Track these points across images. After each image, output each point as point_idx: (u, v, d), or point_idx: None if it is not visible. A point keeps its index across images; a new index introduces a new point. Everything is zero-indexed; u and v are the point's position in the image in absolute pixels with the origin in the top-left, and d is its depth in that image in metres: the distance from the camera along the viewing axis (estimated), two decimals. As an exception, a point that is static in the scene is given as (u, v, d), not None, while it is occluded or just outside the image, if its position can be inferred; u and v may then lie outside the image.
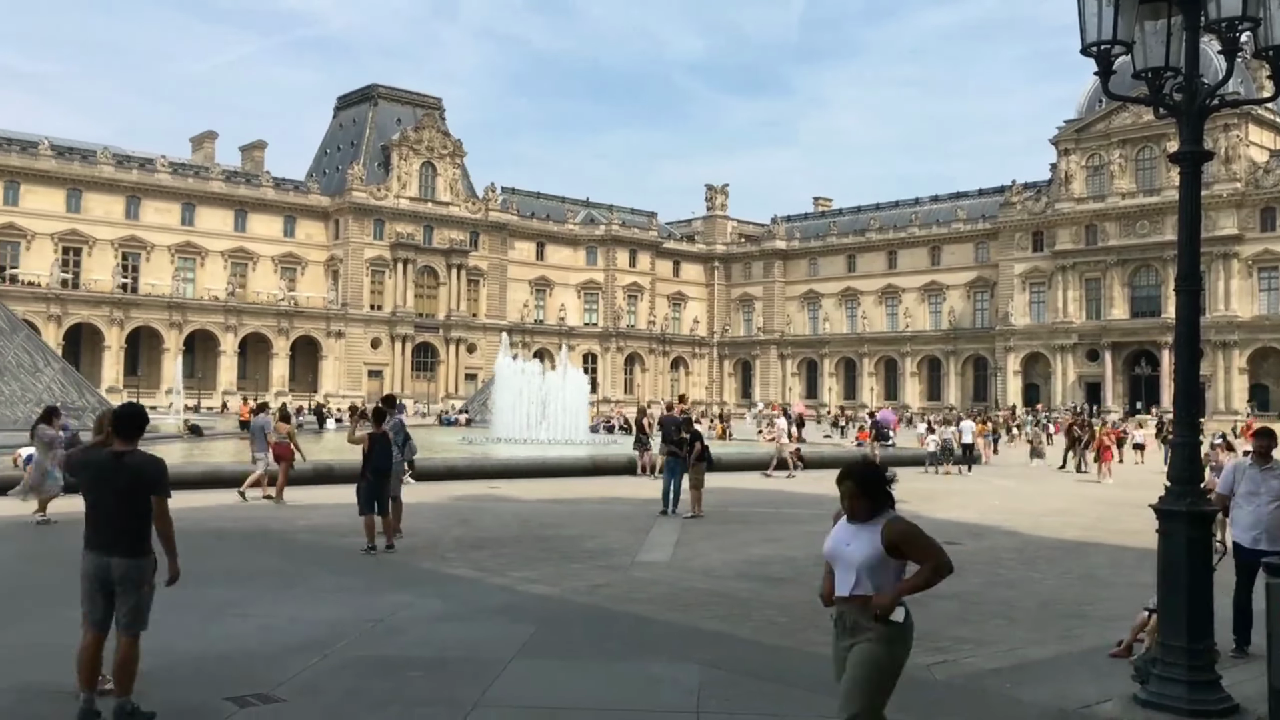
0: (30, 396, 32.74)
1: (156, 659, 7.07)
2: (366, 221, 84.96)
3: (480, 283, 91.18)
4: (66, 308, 72.25)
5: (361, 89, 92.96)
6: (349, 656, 7.29)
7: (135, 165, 79.04)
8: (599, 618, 8.82)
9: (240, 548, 12.31)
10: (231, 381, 78.06)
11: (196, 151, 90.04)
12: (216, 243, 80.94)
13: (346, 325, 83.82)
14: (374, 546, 11.94)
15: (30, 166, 73.40)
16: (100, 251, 75.62)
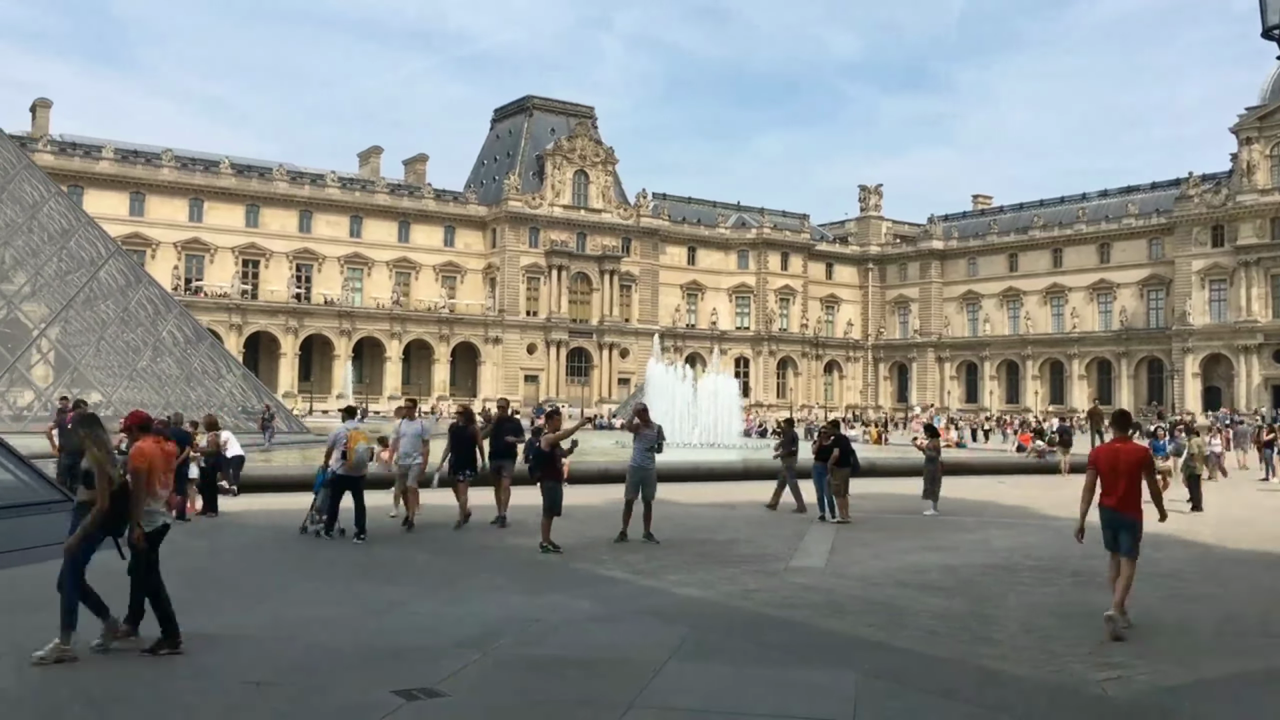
0: (214, 401, 34.83)
1: (326, 651, 7.40)
2: (522, 230, 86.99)
3: (632, 288, 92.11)
4: (246, 317, 76.52)
5: (517, 101, 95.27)
6: (508, 655, 7.45)
7: (307, 181, 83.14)
8: (753, 622, 8.76)
9: (401, 546, 12.75)
10: (397, 386, 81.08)
11: (363, 166, 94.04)
12: (382, 253, 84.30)
13: (503, 331, 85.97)
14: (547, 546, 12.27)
15: (212, 185, 78.10)
16: (276, 263, 79.81)
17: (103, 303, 34.41)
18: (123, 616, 7.49)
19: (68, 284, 33.66)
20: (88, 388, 34.33)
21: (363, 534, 13.04)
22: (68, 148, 74.43)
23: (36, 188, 33.89)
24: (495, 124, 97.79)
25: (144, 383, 33.86)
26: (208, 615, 8.52)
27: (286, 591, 9.69)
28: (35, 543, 10.81)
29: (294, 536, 13.48)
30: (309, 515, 13.94)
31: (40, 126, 76.69)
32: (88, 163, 73.60)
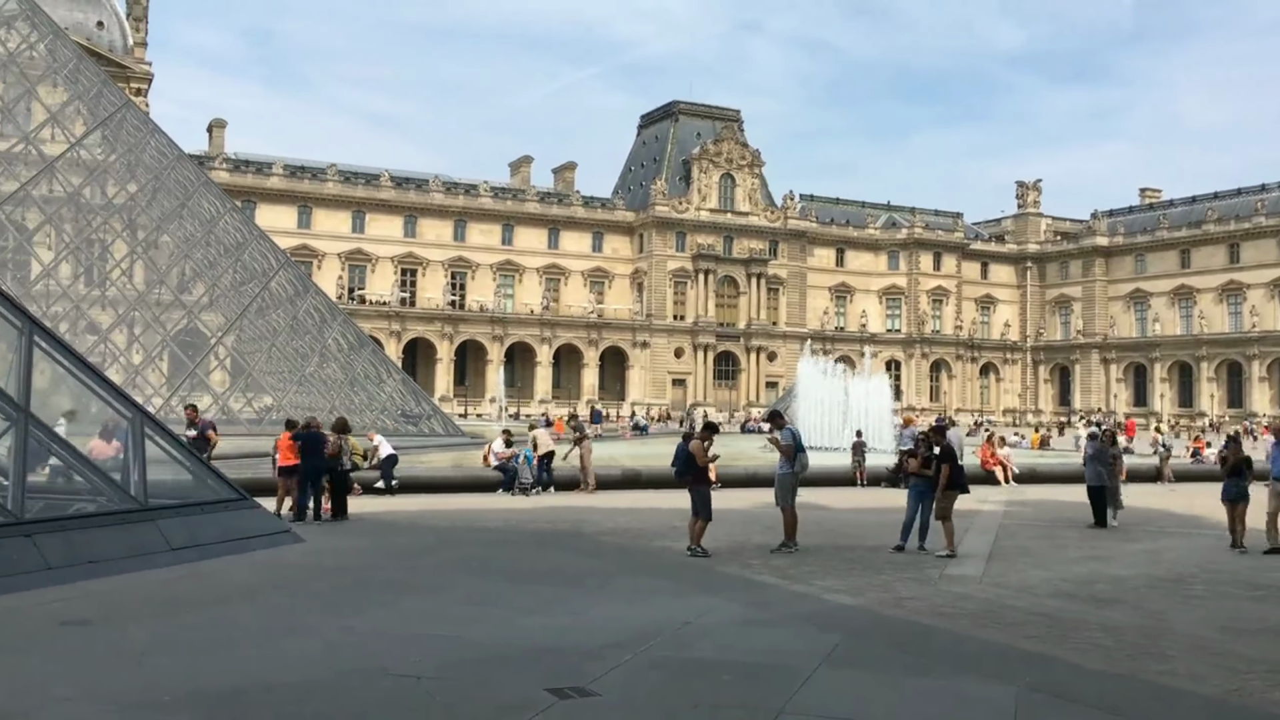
0: (375, 404, 36.26)
1: (482, 649, 7.60)
2: (668, 234, 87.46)
3: (780, 291, 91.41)
4: (405, 324, 79.37)
5: (663, 106, 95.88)
6: (658, 656, 7.50)
7: (461, 191, 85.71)
8: (906, 631, 8.57)
9: (556, 548, 12.99)
10: (547, 391, 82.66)
11: (514, 175, 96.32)
12: (532, 260, 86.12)
13: (651, 335, 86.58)
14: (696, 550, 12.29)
15: (373, 197, 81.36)
16: (432, 272, 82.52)
17: (273, 312, 36.24)
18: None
19: (242, 294, 35.59)
20: (260, 392, 36.23)
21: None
22: (241, 165, 78.77)
23: (213, 203, 35.97)
24: (642, 130, 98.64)
25: (311, 387, 35.48)
26: (370, 611, 8.87)
27: (443, 590, 9.99)
28: (218, 538, 11.47)
29: (450, 536, 13.89)
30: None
31: (216, 145, 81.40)
32: (259, 179, 77.75)
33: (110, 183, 36.19)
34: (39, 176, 32.78)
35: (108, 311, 36.90)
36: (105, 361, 32.40)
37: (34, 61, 34.49)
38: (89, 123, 34.34)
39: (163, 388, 34.67)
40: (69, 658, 7.11)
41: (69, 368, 11.53)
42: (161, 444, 11.81)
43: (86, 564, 9.81)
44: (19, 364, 10.48)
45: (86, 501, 10.98)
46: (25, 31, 34.18)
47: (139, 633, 7.88)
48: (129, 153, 35.08)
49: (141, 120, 36.35)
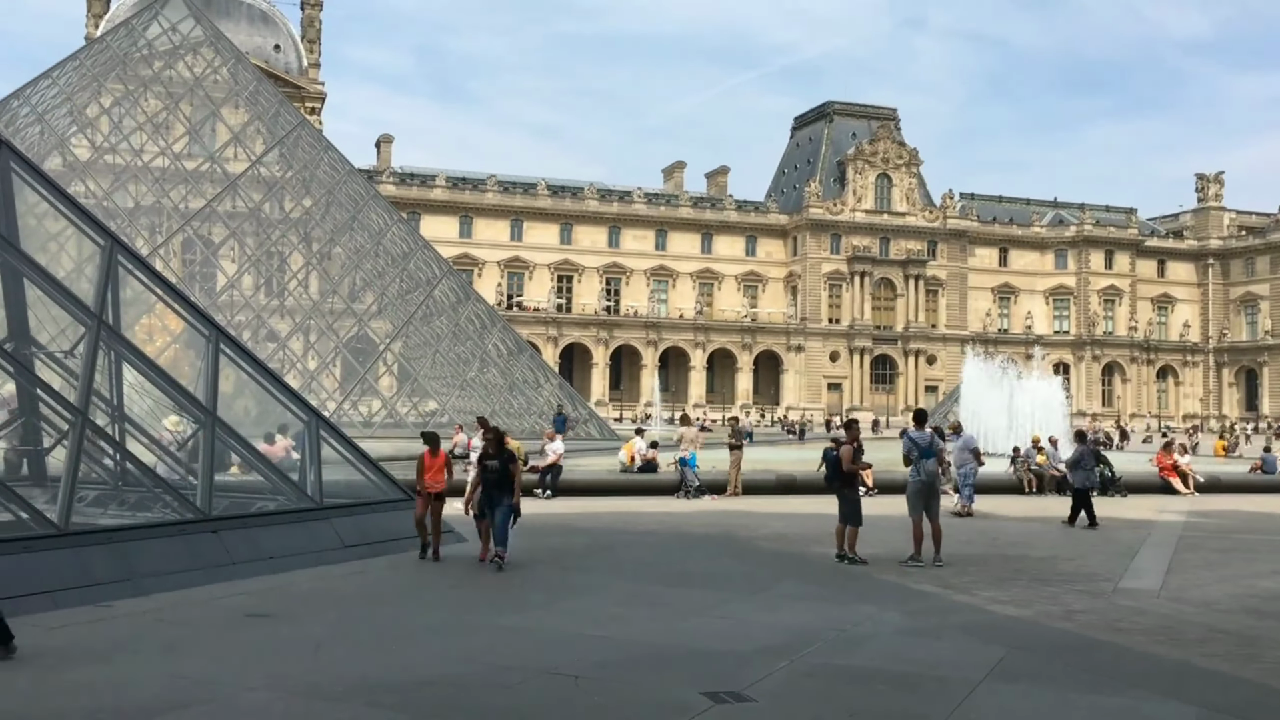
0: (534, 409, 37.08)
1: (638, 650, 7.67)
2: (823, 237, 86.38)
3: (939, 292, 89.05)
4: (561, 330, 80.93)
5: (817, 107, 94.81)
6: (815, 663, 7.40)
7: (616, 198, 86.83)
8: (1076, 645, 8.20)
9: (709, 552, 12.99)
10: (701, 395, 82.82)
11: (667, 181, 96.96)
12: (685, 265, 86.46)
13: (805, 339, 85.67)
14: (846, 556, 12.09)
15: (530, 206, 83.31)
16: (587, 278, 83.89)
17: (437, 319, 37.51)
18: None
19: (408, 302, 36.97)
20: (425, 397, 37.54)
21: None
22: (407, 178, 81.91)
23: (381, 215, 37.52)
24: (795, 132, 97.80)
25: (473, 392, 36.55)
26: (528, 611, 9.07)
27: (599, 592, 10.12)
28: (387, 536, 11.95)
29: (605, 539, 14.06)
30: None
31: (384, 160, 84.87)
32: (423, 191, 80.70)
33: (287, 198, 38.20)
34: (223, 194, 34.86)
35: (286, 320, 38.91)
36: (284, 367, 34.19)
37: (218, 85, 36.74)
38: (268, 141, 36.33)
39: (335, 392, 36.34)
40: (252, 648, 7.53)
41: (251, 374, 12.22)
42: (335, 446, 12.37)
43: (267, 559, 10.37)
44: (207, 370, 11.19)
45: (267, 500, 11.60)
46: (210, 57, 36.46)
47: (314, 626, 8.28)
48: (304, 169, 36.97)
49: (315, 138, 38.25)
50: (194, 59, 36.36)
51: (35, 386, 10.64)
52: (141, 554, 9.48)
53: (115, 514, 10.92)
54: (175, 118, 36.38)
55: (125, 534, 9.78)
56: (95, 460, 10.92)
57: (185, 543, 9.84)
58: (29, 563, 8.52)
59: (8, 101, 34.31)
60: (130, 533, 9.84)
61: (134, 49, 35.50)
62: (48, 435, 11.57)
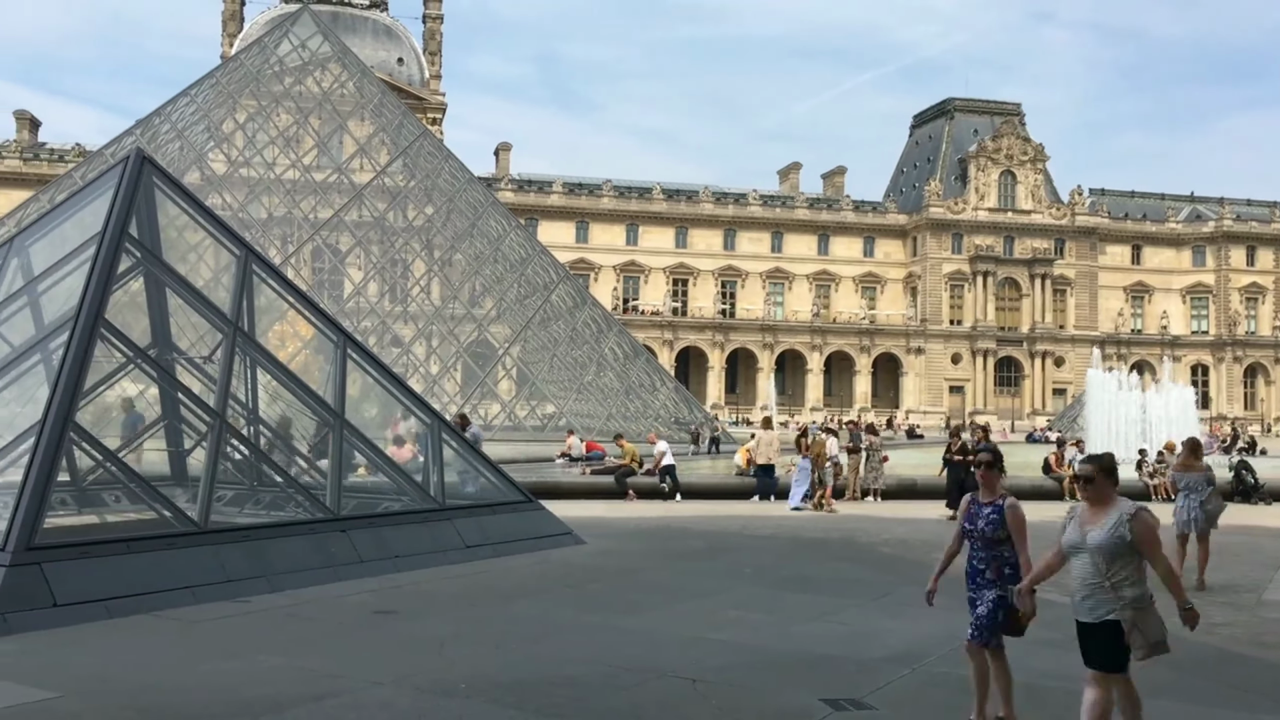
0: (650, 412, 37.25)
1: (755, 654, 7.62)
2: (944, 236, 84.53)
3: (1067, 292, 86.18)
4: (677, 333, 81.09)
5: (937, 104, 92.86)
6: (938, 672, 7.24)
7: (731, 201, 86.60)
8: (1217, 659, 7.82)
9: (829, 557, 12.82)
10: (818, 398, 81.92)
11: (783, 183, 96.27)
12: (801, 266, 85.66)
13: (926, 341, 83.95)
14: None
15: (646, 210, 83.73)
16: (703, 281, 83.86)
17: (554, 323, 38.03)
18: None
19: (525, 307, 37.59)
20: (543, 400, 38.10)
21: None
22: (524, 184, 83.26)
23: (500, 222, 38.24)
24: (914, 130, 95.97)
25: (589, 395, 36.93)
26: (646, 612, 9.09)
27: (716, 595, 10.09)
28: (507, 537, 12.15)
29: (723, 542, 14.02)
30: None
31: (503, 167, 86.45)
32: (540, 197, 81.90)
33: (410, 206, 39.26)
34: (350, 203, 36.05)
35: (409, 325, 39.99)
36: (407, 371, 35.15)
37: (345, 98, 38.01)
38: (392, 152, 37.41)
39: (457, 395, 37.18)
40: (379, 644, 7.74)
41: (377, 378, 12.58)
42: (456, 448, 12.64)
43: (393, 558, 10.65)
44: (335, 375, 11.56)
45: (392, 501, 11.92)
46: (337, 72, 37.74)
47: (438, 624, 8.47)
48: (426, 178, 37.94)
49: (436, 147, 39.20)
50: (322, 74, 37.70)
51: (177, 390, 11.16)
52: (275, 551, 9.85)
53: (251, 513, 11.37)
54: (305, 131, 37.78)
55: (260, 532, 10.18)
56: (232, 461, 11.39)
57: (316, 541, 10.18)
58: (172, 559, 8.93)
59: (150, 119, 36.15)
60: (265, 531, 10.23)
61: (266, 66, 37.00)
62: (188, 437, 12.11)
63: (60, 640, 7.41)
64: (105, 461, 9.68)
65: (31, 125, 79.93)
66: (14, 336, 10.49)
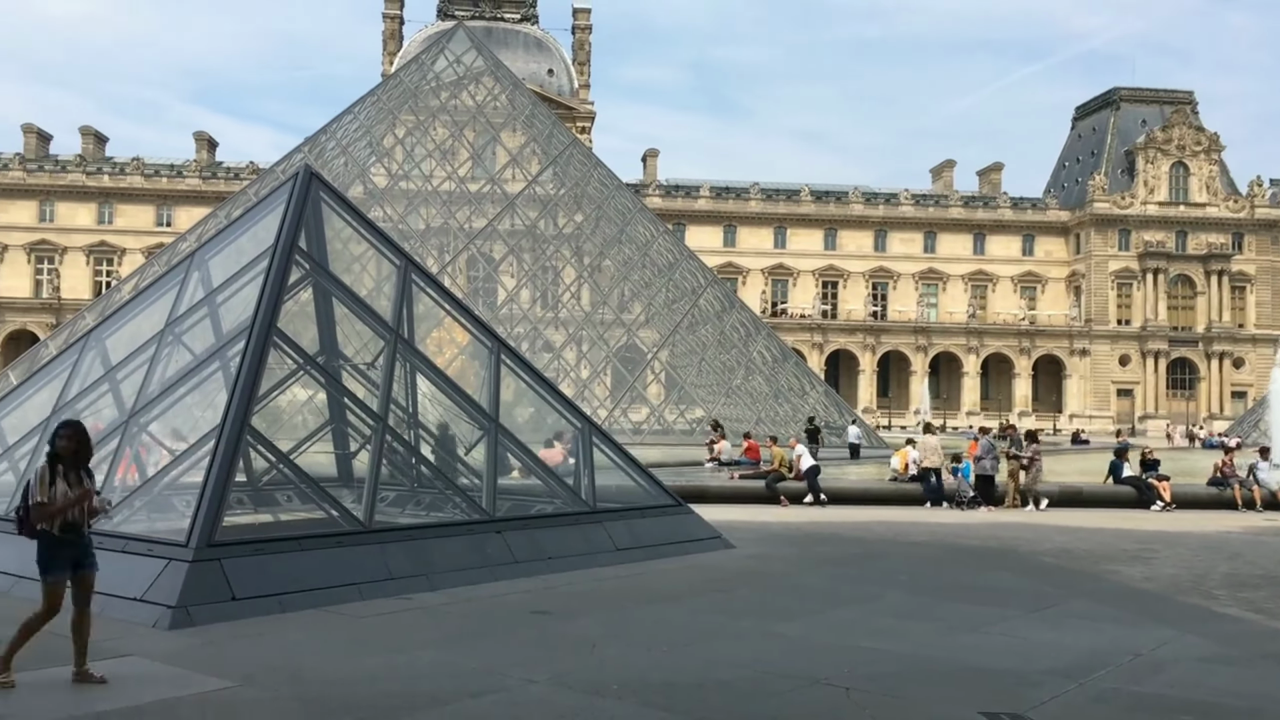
0: (799, 416, 36.86)
1: (912, 664, 7.44)
2: (1109, 233, 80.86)
3: (1246, 289, 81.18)
4: (826, 336, 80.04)
5: (1101, 95, 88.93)
6: (1105, 688, 6.92)
7: (881, 201, 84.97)
8: None
9: (987, 565, 12.43)
10: (975, 402, 79.51)
11: (936, 181, 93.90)
12: (956, 267, 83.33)
13: (1090, 342, 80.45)
14: None
15: (793, 212, 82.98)
16: (853, 283, 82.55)
17: (702, 327, 38.08)
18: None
19: (674, 311, 37.77)
20: (692, 404, 38.18)
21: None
22: (672, 190, 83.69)
23: (648, 228, 38.56)
24: (1076, 123, 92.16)
25: (738, 399, 36.83)
26: (798, 619, 9.00)
27: (870, 602, 9.91)
28: (657, 541, 12.23)
29: (876, 548, 13.75)
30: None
31: (650, 173, 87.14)
32: (688, 202, 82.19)
33: (560, 214, 40.02)
34: (503, 213, 37.00)
35: (560, 331, 40.74)
36: (558, 376, 35.81)
37: (497, 111, 39.06)
38: (542, 161, 38.22)
39: (606, 399, 37.64)
40: (534, 643, 7.91)
41: (529, 383, 12.86)
42: (607, 452, 12.79)
43: (546, 559, 10.86)
44: (490, 380, 11.87)
45: (544, 503, 12.15)
46: (490, 85, 38.82)
47: (590, 625, 8.59)
48: (575, 186, 38.60)
49: (586, 156, 39.84)
50: (476, 88, 38.83)
51: (342, 395, 11.67)
52: (435, 551, 10.18)
53: (411, 513, 11.78)
54: (460, 144, 38.99)
55: (421, 532, 10.54)
56: (393, 463, 11.82)
57: (473, 541, 10.47)
58: (339, 557, 9.34)
59: (316, 137, 37.95)
60: (425, 531, 10.59)
61: (423, 82, 38.37)
62: (353, 440, 12.65)
63: (238, 632, 7.85)
64: (278, 463, 10.18)
65: (209, 145, 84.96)
66: (196, 345, 11.15)
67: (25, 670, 6.70)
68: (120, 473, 10.18)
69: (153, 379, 10.69)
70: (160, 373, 10.79)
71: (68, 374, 11.87)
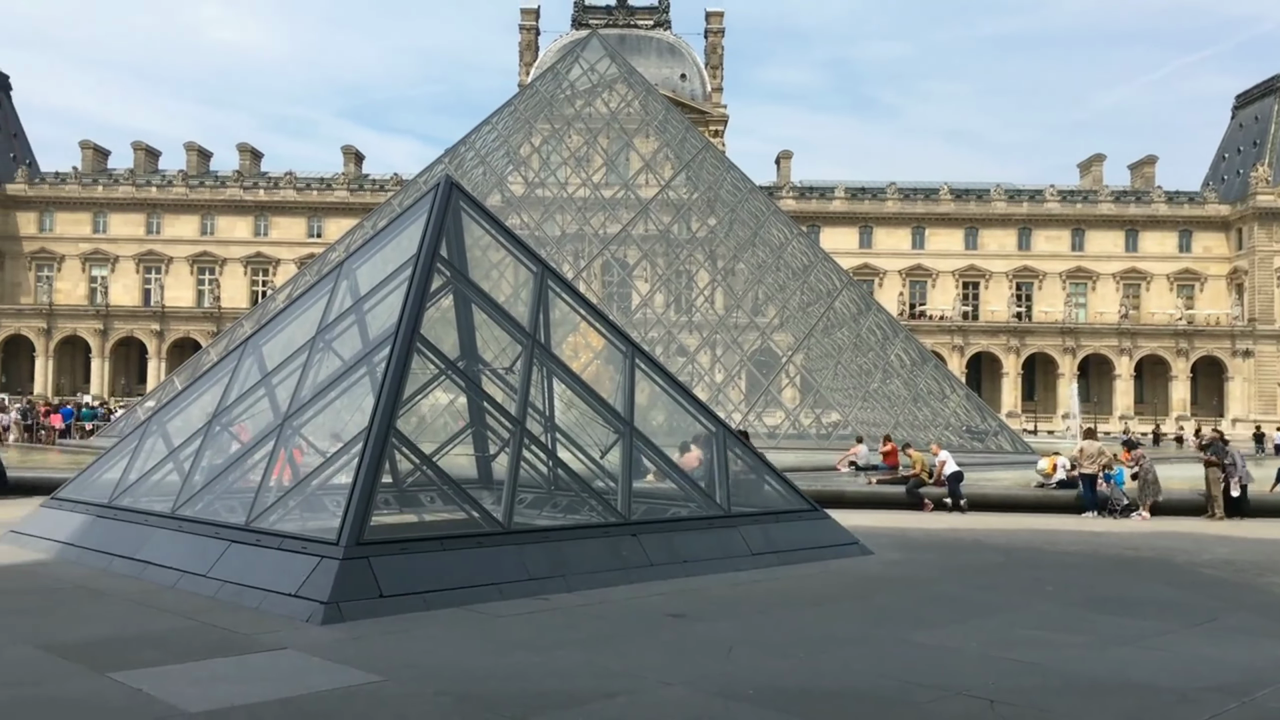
0: (939, 421, 35.97)
1: (1059, 677, 7.17)
2: (1274, 227, 76.36)
3: None
4: (967, 338, 77.86)
5: (1264, 82, 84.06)
6: (1272, 707, 6.53)
7: (1025, 198, 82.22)
8: None
9: (1141, 576, 11.88)
10: (1128, 406, 76.17)
11: (1084, 176, 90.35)
12: (1106, 265, 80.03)
13: (1255, 343, 76.07)
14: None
15: (932, 212, 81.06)
16: (995, 283, 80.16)
17: (838, 330, 37.56)
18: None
19: (808, 314, 37.36)
20: (828, 408, 37.70)
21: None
22: (805, 192, 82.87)
23: (781, 230, 38.27)
24: (1237, 112, 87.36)
25: (875, 403, 36.17)
26: (937, 628, 8.78)
27: (1014, 612, 9.60)
28: (792, 546, 12.13)
29: (1020, 557, 13.31)
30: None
31: (784, 175, 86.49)
32: (822, 203, 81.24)
33: (693, 218, 40.09)
34: (636, 218, 37.28)
35: (693, 335, 40.80)
36: (692, 380, 35.86)
37: (631, 117, 39.42)
38: (675, 166, 38.37)
39: (741, 404, 37.49)
40: (669, 646, 7.94)
41: (664, 387, 12.93)
42: (742, 456, 12.76)
43: (681, 563, 10.89)
44: (624, 384, 11.98)
45: (679, 506, 12.19)
46: (623, 92, 39.21)
47: (725, 629, 8.57)
48: (708, 190, 38.62)
49: (718, 159, 39.82)
50: (609, 95, 39.28)
51: (482, 399, 11.97)
52: (572, 553, 10.33)
53: (549, 515, 11.98)
54: (594, 151, 39.50)
55: (559, 534, 10.72)
56: (531, 466, 12.05)
57: (609, 544, 10.58)
58: (480, 557, 9.58)
59: (456, 148, 39.03)
60: (563, 533, 10.76)
61: (559, 91, 39.03)
62: (492, 443, 12.94)
63: (385, 628, 8.13)
64: (421, 465, 10.50)
65: (356, 159, 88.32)
66: (345, 351, 11.61)
67: (192, 660, 7.09)
68: (275, 473, 10.68)
69: (305, 384, 11.18)
70: (312, 378, 11.27)
71: (227, 380, 12.52)
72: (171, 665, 6.93)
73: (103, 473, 12.99)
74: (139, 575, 10.04)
